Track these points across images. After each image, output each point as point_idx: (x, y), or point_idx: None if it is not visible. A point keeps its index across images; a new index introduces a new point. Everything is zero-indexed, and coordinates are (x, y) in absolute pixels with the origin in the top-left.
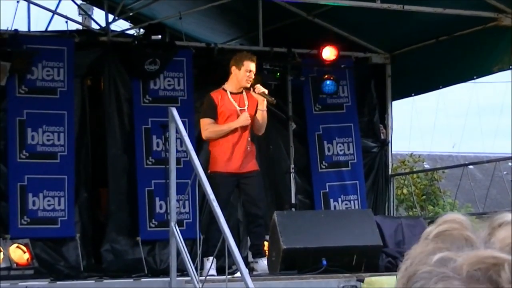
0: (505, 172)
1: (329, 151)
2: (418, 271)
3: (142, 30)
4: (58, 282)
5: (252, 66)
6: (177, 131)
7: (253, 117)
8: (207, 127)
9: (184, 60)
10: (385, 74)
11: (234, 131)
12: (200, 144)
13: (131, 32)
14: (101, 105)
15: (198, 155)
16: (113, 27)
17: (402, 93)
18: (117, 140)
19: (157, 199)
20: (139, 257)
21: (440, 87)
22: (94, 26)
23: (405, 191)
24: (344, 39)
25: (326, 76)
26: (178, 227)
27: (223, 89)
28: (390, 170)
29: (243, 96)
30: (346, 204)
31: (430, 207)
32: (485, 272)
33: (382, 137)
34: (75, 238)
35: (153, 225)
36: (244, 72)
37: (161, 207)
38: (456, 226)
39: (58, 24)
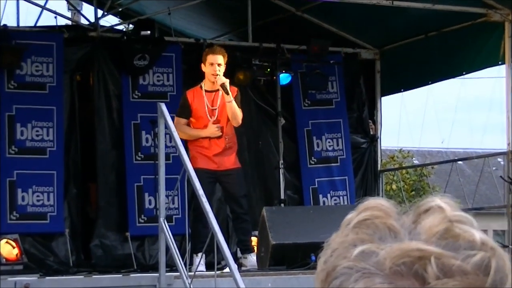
0: (494, 168)
1: (318, 146)
2: (337, 266)
3: (131, 26)
4: (47, 278)
5: (215, 58)
6: (166, 126)
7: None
8: (179, 127)
9: (173, 55)
10: (374, 70)
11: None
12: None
13: (121, 27)
14: (91, 100)
15: (187, 151)
16: (103, 22)
17: (391, 89)
18: (106, 136)
19: (146, 194)
20: (128, 252)
21: (429, 82)
22: (84, 21)
23: (394, 186)
24: (333, 35)
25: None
26: (167, 222)
27: (200, 86)
28: (379, 165)
29: (218, 94)
30: (335, 199)
31: None
32: (410, 266)
33: (372, 132)
34: (64, 233)
35: (142, 221)
36: (209, 67)
37: (150, 203)
38: (379, 214)
39: (47, 20)
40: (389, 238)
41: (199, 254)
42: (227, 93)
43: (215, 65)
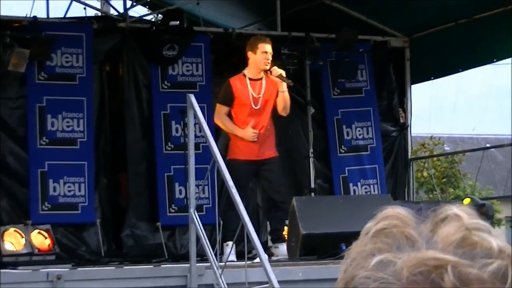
0: None
1: (348, 135)
2: (356, 276)
3: (160, 16)
4: (79, 269)
5: (267, 47)
6: (195, 117)
7: (274, 101)
8: (219, 115)
9: (202, 45)
10: (404, 58)
11: (255, 116)
12: (219, 129)
13: (149, 18)
14: (120, 91)
15: (217, 141)
16: (132, 13)
17: (421, 77)
18: (136, 126)
19: (176, 184)
20: (159, 242)
21: (460, 70)
22: (113, 12)
23: (425, 174)
24: (363, 23)
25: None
26: (198, 212)
27: (243, 74)
28: (409, 154)
29: (262, 83)
30: (365, 188)
31: (451, 189)
32: (427, 275)
33: (401, 121)
34: (96, 223)
35: (173, 210)
36: (260, 55)
37: (180, 193)
38: (397, 223)
39: (77, 11)
40: (407, 247)
41: (230, 243)
42: (289, 83)
43: (268, 53)
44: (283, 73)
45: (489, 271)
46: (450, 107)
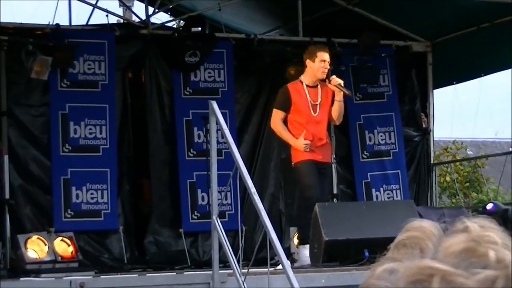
0: None
1: (370, 140)
2: (366, 283)
3: (182, 22)
4: (101, 276)
5: (326, 56)
6: (217, 123)
7: (328, 109)
8: (276, 120)
9: (224, 51)
10: (426, 62)
11: (312, 123)
12: (241, 135)
13: (171, 24)
14: (142, 97)
15: (239, 147)
16: (153, 19)
17: (443, 81)
18: (158, 132)
19: (199, 191)
20: (182, 248)
21: (482, 75)
22: (135, 19)
23: (448, 178)
24: (384, 28)
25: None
26: (220, 219)
27: (300, 81)
28: (432, 159)
29: (318, 90)
30: (388, 193)
31: (474, 194)
32: (421, 283)
33: (424, 125)
34: (118, 230)
35: (195, 217)
36: (319, 63)
37: (203, 199)
38: (418, 235)
39: (99, 18)
40: (416, 257)
41: (307, 246)
42: (348, 93)
43: (326, 62)
44: (342, 82)
45: (475, 279)
46: (472, 111)
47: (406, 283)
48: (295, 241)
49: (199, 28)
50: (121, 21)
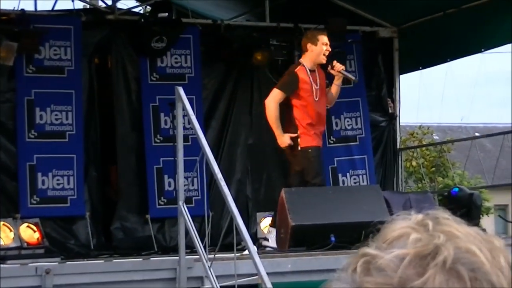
0: None
1: (337, 126)
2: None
3: (148, 8)
4: (68, 263)
5: (326, 39)
6: (184, 109)
7: (325, 93)
8: (273, 102)
9: (191, 37)
10: (392, 48)
11: (316, 108)
12: (208, 121)
13: (138, 10)
14: (109, 83)
15: (206, 133)
16: (120, 5)
17: (409, 67)
18: (125, 118)
19: (166, 176)
20: (148, 234)
21: (448, 60)
22: (101, 4)
23: (414, 163)
24: (352, 14)
25: None
26: (187, 204)
27: (303, 65)
28: (398, 144)
29: (316, 74)
30: (354, 178)
31: (440, 179)
32: (352, 268)
33: (390, 111)
34: (85, 216)
35: (162, 203)
36: (321, 46)
37: (170, 185)
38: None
39: (65, 3)
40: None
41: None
42: (355, 80)
43: (328, 45)
44: (344, 67)
45: (388, 259)
46: (438, 96)
47: (351, 271)
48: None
49: (166, 14)
50: (87, 6)
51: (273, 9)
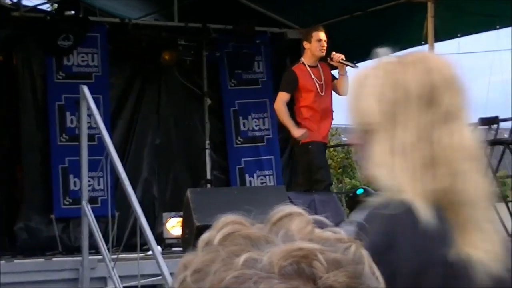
0: None
1: (244, 126)
2: (225, 278)
3: (55, 5)
4: None
5: (321, 35)
6: (89, 108)
7: (331, 87)
8: (281, 103)
9: (98, 36)
10: (300, 50)
11: (321, 103)
12: (115, 120)
13: (44, 7)
14: (14, 81)
15: (113, 132)
16: (26, 2)
17: None
18: (31, 117)
19: (71, 176)
20: (53, 234)
21: (354, 62)
22: (6, 1)
23: None
24: (260, 14)
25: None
26: (93, 204)
27: (302, 63)
28: None
29: (319, 69)
30: (261, 179)
31: (347, 180)
32: (295, 266)
33: None
34: None
35: (67, 203)
36: (315, 43)
37: (75, 185)
38: (239, 227)
39: None
40: (264, 245)
41: None
42: (354, 66)
43: (323, 40)
44: (343, 56)
45: (351, 253)
46: (346, 98)
47: (279, 269)
48: None
49: (73, 12)
50: None
51: (182, 9)
